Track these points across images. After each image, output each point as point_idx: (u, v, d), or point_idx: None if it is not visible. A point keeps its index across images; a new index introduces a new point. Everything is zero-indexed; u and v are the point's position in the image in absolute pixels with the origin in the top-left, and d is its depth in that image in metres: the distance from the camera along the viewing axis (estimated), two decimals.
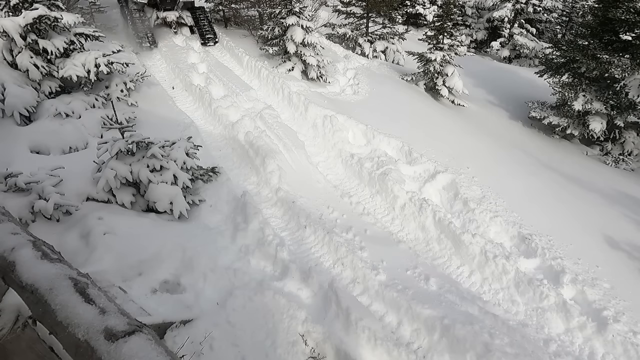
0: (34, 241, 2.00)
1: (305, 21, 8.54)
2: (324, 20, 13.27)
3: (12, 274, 1.82)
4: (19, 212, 3.39)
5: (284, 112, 6.96)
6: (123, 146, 3.88)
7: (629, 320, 3.58)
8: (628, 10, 7.33)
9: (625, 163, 7.83)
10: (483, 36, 18.28)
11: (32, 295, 1.70)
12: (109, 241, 3.43)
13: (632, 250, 4.62)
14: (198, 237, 3.93)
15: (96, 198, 3.99)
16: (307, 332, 3.09)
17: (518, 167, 6.44)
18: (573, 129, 8.27)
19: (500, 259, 4.04)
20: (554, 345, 3.40)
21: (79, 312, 1.56)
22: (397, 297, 3.55)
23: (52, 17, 5.32)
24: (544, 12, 16.94)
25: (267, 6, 10.54)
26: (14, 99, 5.02)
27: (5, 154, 4.46)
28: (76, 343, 1.49)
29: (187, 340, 2.60)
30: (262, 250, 3.96)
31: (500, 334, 3.24)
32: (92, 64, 5.59)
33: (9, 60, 5.40)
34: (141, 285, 3.12)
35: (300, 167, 5.54)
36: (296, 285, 3.63)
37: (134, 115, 5.81)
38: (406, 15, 17.78)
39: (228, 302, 3.14)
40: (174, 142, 4.28)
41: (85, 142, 5.16)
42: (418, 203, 4.77)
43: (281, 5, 8.78)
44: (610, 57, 7.39)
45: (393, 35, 12.19)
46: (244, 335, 2.92)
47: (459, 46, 9.85)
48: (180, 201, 4.07)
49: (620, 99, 7.65)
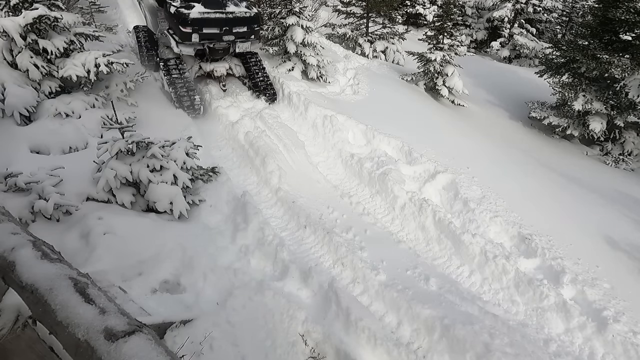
0: (34, 241, 2.00)
1: (306, 21, 8.53)
2: (324, 20, 13.26)
3: (12, 274, 1.82)
4: (19, 212, 3.39)
5: (284, 112, 6.96)
6: (123, 146, 3.88)
7: (629, 320, 3.58)
8: (628, 10, 7.33)
9: (625, 163, 7.82)
10: (483, 36, 18.28)
11: (32, 295, 1.70)
12: (109, 241, 3.43)
13: (632, 250, 4.62)
14: (198, 237, 3.93)
15: (96, 198, 3.99)
16: (307, 332, 3.10)
17: (518, 167, 6.44)
18: (573, 129, 8.27)
19: (500, 259, 4.04)
20: (554, 345, 3.40)
21: (79, 312, 1.56)
22: (397, 297, 3.55)
23: (52, 17, 5.32)
24: (544, 12, 16.94)
25: (267, 6, 10.54)
26: (14, 98, 5.02)
27: (5, 154, 4.46)
28: (76, 343, 1.49)
29: (187, 340, 2.60)
30: (262, 250, 3.96)
31: (500, 334, 3.24)
32: (92, 64, 5.59)
33: (9, 60, 5.39)
34: (141, 285, 3.12)
35: (300, 167, 5.54)
36: (296, 285, 3.63)
37: (134, 115, 5.81)
38: (406, 15, 17.77)
39: (228, 302, 3.14)
40: (174, 142, 4.29)
41: (85, 142, 5.16)
42: (418, 203, 4.77)
43: (281, 5, 8.77)
44: (610, 57, 7.38)
45: (393, 35, 12.18)
46: (244, 335, 2.92)
47: (459, 46, 9.85)
48: (180, 201, 4.07)
49: (620, 99, 7.65)
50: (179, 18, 5.69)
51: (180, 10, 5.63)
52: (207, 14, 5.72)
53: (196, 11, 5.65)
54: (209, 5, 5.79)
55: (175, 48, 6.12)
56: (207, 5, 5.75)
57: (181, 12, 5.63)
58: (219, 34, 6.09)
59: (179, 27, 5.76)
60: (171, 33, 6.29)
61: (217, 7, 5.86)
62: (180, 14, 5.65)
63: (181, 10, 5.62)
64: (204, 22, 5.77)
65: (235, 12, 5.97)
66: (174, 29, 6.14)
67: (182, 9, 5.65)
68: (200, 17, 5.71)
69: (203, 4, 5.75)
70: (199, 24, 5.75)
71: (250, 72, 7.24)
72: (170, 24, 6.19)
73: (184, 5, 5.69)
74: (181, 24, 5.69)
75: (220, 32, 6.08)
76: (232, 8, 5.96)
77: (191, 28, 5.71)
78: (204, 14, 5.69)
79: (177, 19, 5.73)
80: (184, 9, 5.64)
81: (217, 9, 5.83)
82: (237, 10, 6.04)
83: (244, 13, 6.01)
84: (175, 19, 5.77)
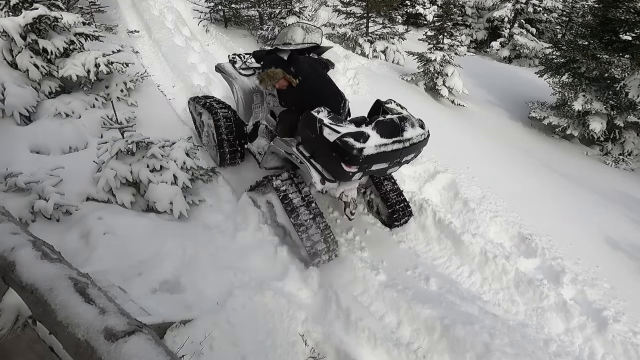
0: (34, 241, 2.00)
1: (305, 21, 8.55)
2: (324, 20, 13.25)
3: (12, 274, 1.82)
4: (19, 212, 3.39)
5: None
6: (123, 146, 3.88)
7: (629, 320, 3.58)
8: (628, 10, 7.34)
9: (625, 163, 7.83)
10: (483, 36, 18.29)
11: (32, 295, 1.70)
12: (109, 241, 3.43)
13: (632, 250, 4.63)
14: (198, 237, 3.94)
15: (96, 198, 3.99)
16: (307, 332, 3.10)
17: (518, 167, 6.45)
18: (573, 129, 8.28)
19: (500, 259, 4.04)
20: (554, 345, 3.40)
21: (79, 312, 1.56)
22: (397, 297, 3.55)
23: (52, 17, 5.32)
24: (544, 12, 16.95)
25: (267, 6, 10.54)
26: (14, 98, 5.02)
27: (5, 154, 4.46)
28: (76, 343, 1.49)
29: (187, 340, 2.60)
30: (262, 250, 3.96)
31: (500, 334, 3.24)
32: (92, 64, 5.59)
33: (9, 60, 5.39)
34: (141, 285, 3.12)
35: None
36: (296, 285, 3.63)
37: (134, 115, 5.81)
38: (406, 15, 17.77)
39: (228, 302, 3.14)
40: (173, 142, 4.29)
41: (85, 142, 5.16)
42: (418, 203, 4.77)
43: (281, 5, 8.78)
44: (610, 57, 7.39)
45: (393, 35, 12.18)
46: (244, 335, 2.92)
47: (459, 46, 9.86)
48: (180, 201, 4.07)
49: (620, 99, 7.66)
50: (343, 152, 3.36)
51: (349, 142, 3.30)
52: (384, 146, 3.43)
53: (372, 144, 3.35)
54: (386, 133, 3.46)
55: (318, 185, 3.85)
56: (383, 132, 3.44)
57: (350, 145, 3.29)
58: (385, 168, 3.81)
59: (339, 163, 3.44)
60: (311, 161, 3.87)
61: (395, 134, 3.53)
62: (347, 148, 3.31)
63: (349, 142, 3.29)
64: (377, 158, 3.47)
65: (412, 138, 3.60)
66: (322, 159, 3.78)
67: (349, 138, 3.31)
68: (375, 153, 3.40)
69: (377, 130, 3.41)
70: (370, 162, 3.47)
71: (383, 191, 4.63)
72: (317, 150, 3.79)
73: (353, 133, 3.35)
74: (346, 162, 3.40)
75: (387, 167, 3.78)
76: (409, 132, 3.59)
77: (358, 167, 3.46)
78: (380, 147, 3.40)
79: (339, 152, 3.39)
80: (353, 138, 3.31)
81: (394, 137, 3.51)
82: (414, 135, 3.63)
83: (420, 136, 3.71)
84: (333, 151, 3.43)
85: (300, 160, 3.93)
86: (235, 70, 4.93)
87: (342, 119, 3.63)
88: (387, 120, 3.50)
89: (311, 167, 3.84)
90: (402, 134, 3.54)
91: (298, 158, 3.94)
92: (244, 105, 4.88)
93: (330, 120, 3.49)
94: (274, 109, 4.54)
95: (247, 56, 5.13)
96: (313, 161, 3.83)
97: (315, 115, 3.53)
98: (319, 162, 3.79)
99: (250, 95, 4.82)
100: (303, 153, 3.90)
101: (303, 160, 3.90)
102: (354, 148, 3.27)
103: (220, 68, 5.06)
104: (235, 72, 4.91)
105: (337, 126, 3.43)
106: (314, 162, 3.82)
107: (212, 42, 10.41)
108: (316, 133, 3.47)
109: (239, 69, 4.93)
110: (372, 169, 3.67)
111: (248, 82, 4.84)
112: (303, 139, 3.91)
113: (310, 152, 3.86)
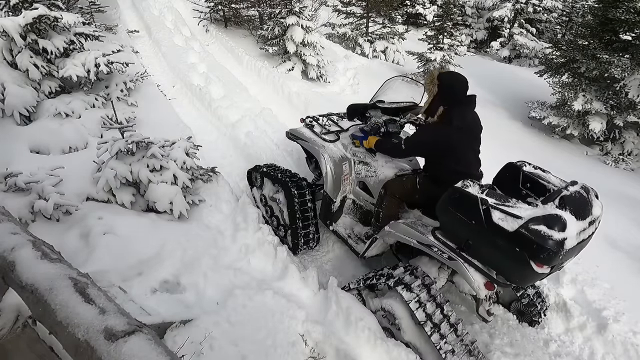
0: (33, 241, 2.00)
1: (305, 21, 8.54)
2: (324, 20, 13.26)
3: (12, 273, 1.82)
4: (19, 212, 3.39)
5: (284, 112, 6.96)
6: (123, 146, 3.88)
7: (629, 320, 3.58)
8: (628, 10, 7.34)
9: (625, 163, 7.83)
10: (483, 36, 18.29)
11: (32, 295, 1.70)
12: (109, 241, 3.43)
13: (632, 250, 4.62)
14: (198, 237, 3.93)
15: (96, 198, 3.99)
16: (307, 332, 3.09)
17: None
18: (573, 129, 8.28)
19: None
20: (554, 345, 3.41)
21: (79, 312, 1.56)
22: None
23: (52, 17, 5.32)
24: (544, 12, 16.95)
25: (267, 6, 10.54)
26: (14, 98, 5.02)
27: (5, 153, 4.46)
28: (76, 343, 1.49)
29: (187, 340, 2.60)
30: (262, 250, 3.96)
31: (500, 334, 3.24)
32: (92, 64, 5.58)
33: (9, 60, 5.39)
34: (141, 285, 3.12)
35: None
36: (296, 285, 3.63)
37: (134, 115, 5.81)
38: (406, 15, 17.77)
39: (228, 302, 3.14)
40: (173, 142, 4.28)
41: (85, 142, 5.16)
42: None
43: (281, 5, 8.79)
44: (610, 57, 7.39)
45: (393, 35, 12.19)
46: (244, 334, 2.92)
47: (459, 46, 9.87)
48: (180, 201, 4.07)
49: (620, 99, 7.66)
50: (535, 246, 2.35)
51: (541, 232, 2.33)
52: (583, 233, 2.54)
53: (573, 232, 2.39)
54: (579, 213, 2.50)
55: (482, 291, 2.75)
56: (577, 212, 2.48)
57: (544, 236, 2.32)
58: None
59: (527, 261, 2.41)
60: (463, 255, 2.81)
61: (587, 213, 2.60)
62: (540, 240, 2.33)
63: (542, 232, 2.33)
64: (573, 251, 2.54)
65: (600, 215, 2.73)
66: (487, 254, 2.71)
67: (541, 226, 2.34)
68: (576, 244, 2.47)
69: (571, 211, 2.43)
70: (566, 257, 2.53)
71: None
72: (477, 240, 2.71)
73: (543, 218, 2.36)
74: (539, 259, 2.39)
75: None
76: (597, 208, 2.69)
77: (550, 266, 2.49)
78: (580, 234, 2.48)
79: (527, 246, 2.38)
80: (546, 226, 2.33)
81: (587, 218, 2.58)
82: (600, 211, 2.73)
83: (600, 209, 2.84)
84: (517, 245, 2.42)
85: (448, 255, 2.86)
86: (317, 136, 4.06)
87: (504, 195, 2.67)
88: (575, 194, 2.55)
89: (469, 265, 2.75)
90: (592, 211, 2.62)
91: (444, 253, 2.87)
92: (333, 178, 3.91)
93: (495, 200, 2.55)
94: (365, 179, 3.90)
95: (323, 119, 4.30)
96: (465, 255, 2.79)
97: (474, 193, 2.62)
98: (477, 258, 2.76)
99: (340, 166, 3.90)
100: (448, 244, 2.89)
101: (454, 257, 2.82)
102: (552, 239, 2.30)
103: (296, 134, 4.21)
104: (318, 138, 4.03)
105: (509, 207, 2.48)
106: (468, 257, 2.78)
107: (212, 42, 10.42)
108: (479, 219, 2.54)
109: (321, 134, 4.06)
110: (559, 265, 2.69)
111: (336, 150, 3.96)
112: (447, 224, 2.95)
113: (458, 242, 2.84)
